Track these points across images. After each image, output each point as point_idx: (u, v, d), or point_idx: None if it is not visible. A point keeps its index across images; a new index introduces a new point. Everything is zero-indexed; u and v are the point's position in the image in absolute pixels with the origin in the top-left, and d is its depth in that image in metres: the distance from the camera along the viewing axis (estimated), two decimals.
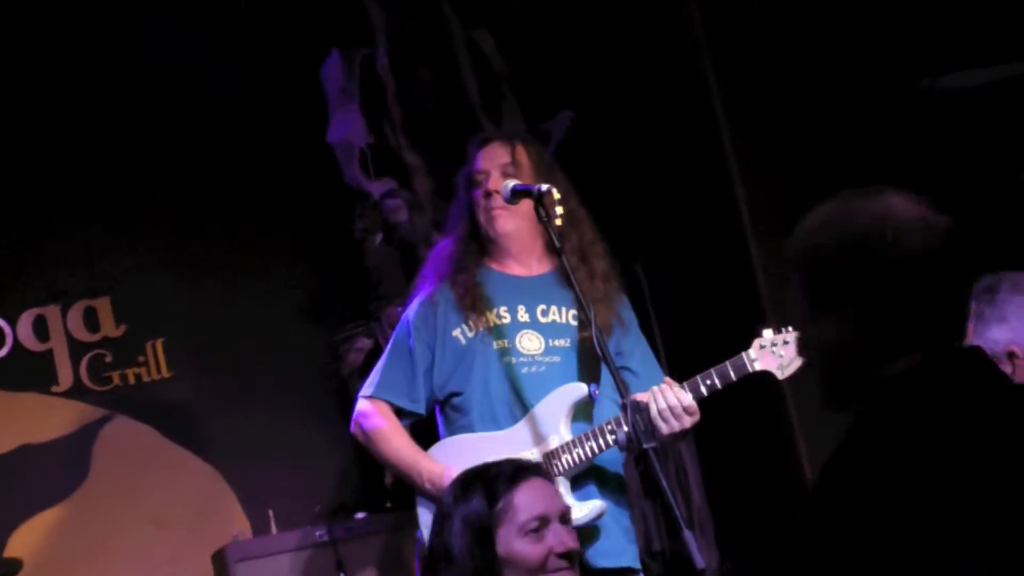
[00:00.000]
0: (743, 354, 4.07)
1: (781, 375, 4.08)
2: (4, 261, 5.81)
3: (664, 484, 3.57)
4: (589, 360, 4.17)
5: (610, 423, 4.08)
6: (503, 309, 4.26)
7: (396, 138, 5.81)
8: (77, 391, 5.85)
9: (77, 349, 5.87)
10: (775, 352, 4.06)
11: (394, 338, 4.35)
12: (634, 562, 4.24)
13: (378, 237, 5.86)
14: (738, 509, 5.74)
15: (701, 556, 3.45)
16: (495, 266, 4.31)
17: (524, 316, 4.26)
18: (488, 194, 4.22)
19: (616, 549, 4.18)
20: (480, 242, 4.30)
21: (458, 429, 4.25)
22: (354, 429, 4.34)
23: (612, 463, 4.24)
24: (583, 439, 4.11)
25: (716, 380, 4.07)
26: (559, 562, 3.14)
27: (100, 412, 5.86)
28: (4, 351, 5.83)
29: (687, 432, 4.12)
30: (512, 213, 4.21)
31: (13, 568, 5.11)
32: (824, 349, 2.24)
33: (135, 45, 5.75)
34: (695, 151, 5.82)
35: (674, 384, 4.10)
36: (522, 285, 4.30)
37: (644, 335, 4.44)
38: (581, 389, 4.17)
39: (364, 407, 4.31)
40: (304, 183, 5.95)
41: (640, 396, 3.99)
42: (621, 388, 3.80)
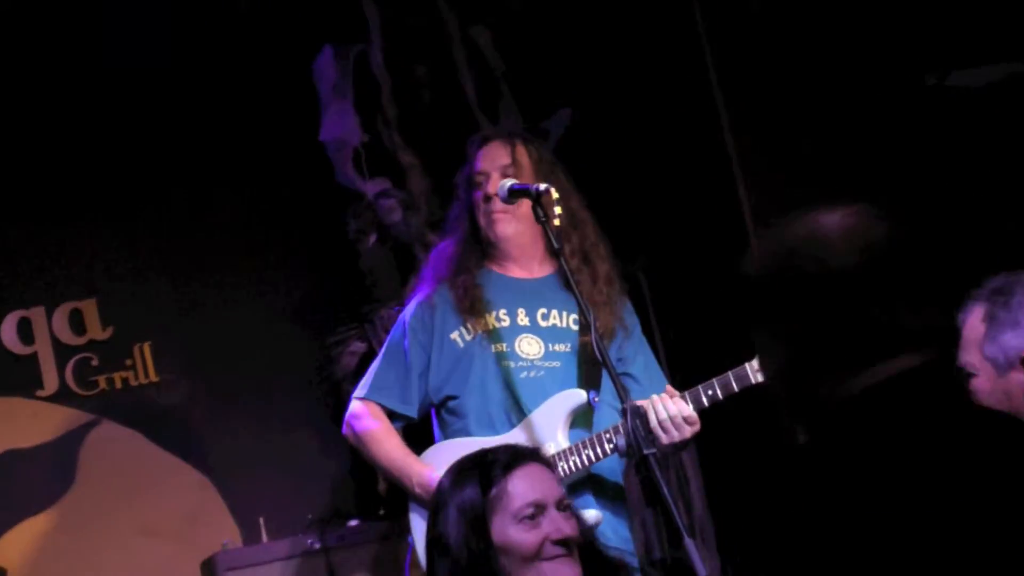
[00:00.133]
0: (746, 364, 4.04)
1: None
2: None
3: (665, 491, 3.56)
4: (590, 366, 4.17)
5: (608, 431, 4.07)
6: (502, 312, 4.25)
7: (390, 136, 5.81)
8: (63, 395, 5.82)
9: (63, 352, 5.84)
10: None
11: (389, 339, 4.35)
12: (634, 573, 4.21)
13: (372, 238, 5.86)
14: (740, 516, 5.72)
15: (703, 564, 3.44)
16: (496, 268, 4.31)
17: (524, 319, 4.26)
18: (488, 198, 4.22)
19: (614, 551, 4.08)
20: (481, 244, 4.30)
21: (453, 433, 4.25)
22: (346, 431, 4.34)
23: (611, 472, 4.24)
24: (581, 447, 4.10)
25: (718, 390, 4.07)
26: (555, 549, 3.13)
27: (86, 417, 5.83)
28: None
29: (687, 442, 4.11)
30: (512, 216, 4.21)
31: None
32: (773, 372, 2.25)
33: (122, 44, 5.74)
34: (696, 150, 5.82)
35: (674, 393, 4.09)
36: (523, 288, 4.29)
37: (645, 339, 4.43)
38: (580, 396, 4.16)
39: (356, 408, 4.32)
40: (296, 182, 5.94)
41: (640, 403, 3.96)
42: (621, 394, 3.79)
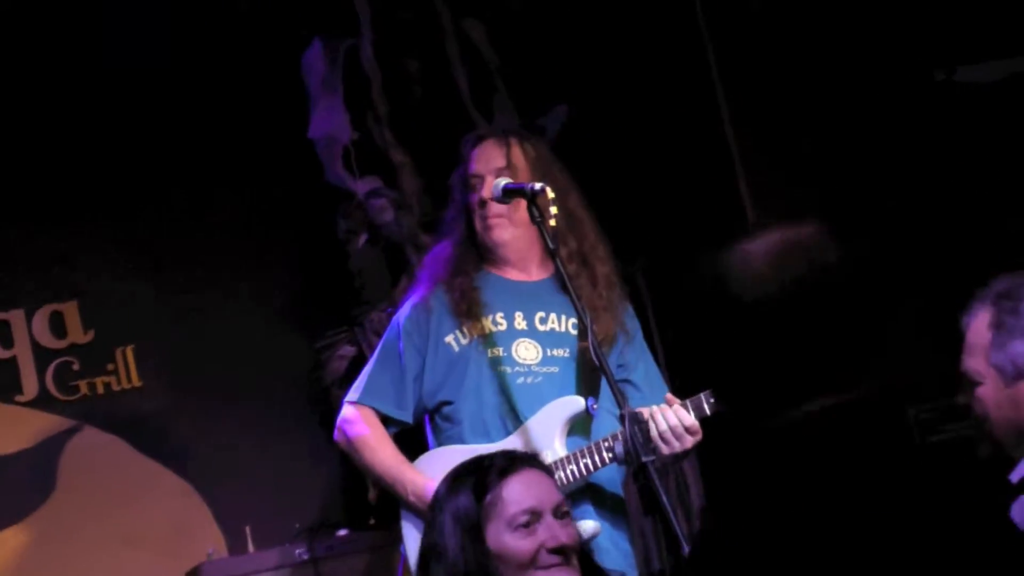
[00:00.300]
0: None
1: None
2: None
3: (664, 500, 3.52)
4: (589, 372, 4.13)
5: (607, 439, 4.04)
6: (499, 316, 4.23)
7: (381, 133, 5.80)
8: (43, 401, 5.83)
9: (43, 356, 5.84)
10: None
11: (383, 342, 4.33)
12: None
13: (362, 238, 5.84)
14: (741, 524, 5.72)
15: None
16: (493, 271, 4.29)
17: (521, 323, 4.23)
18: (483, 202, 4.21)
19: (614, 572, 4.09)
20: (478, 246, 4.28)
21: (447, 439, 4.22)
22: (337, 436, 4.32)
23: (610, 481, 4.21)
24: (579, 455, 4.07)
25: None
26: (551, 558, 3.10)
27: (67, 423, 5.83)
28: None
29: (689, 452, 4.09)
30: (509, 221, 4.20)
31: None
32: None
33: (105, 44, 5.75)
34: (697, 149, 5.82)
35: (675, 401, 4.06)
36: (521, 291, 4.27)
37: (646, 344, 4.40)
38: (578, 403, 4.13)
39: (348, 413, 4.29)
40: (284, 181, 5.94)
41: (641, 409, 3.92)
42: (619, 401, 3.75)
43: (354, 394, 4.28)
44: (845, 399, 2.22)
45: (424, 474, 4.13)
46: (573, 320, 4.20)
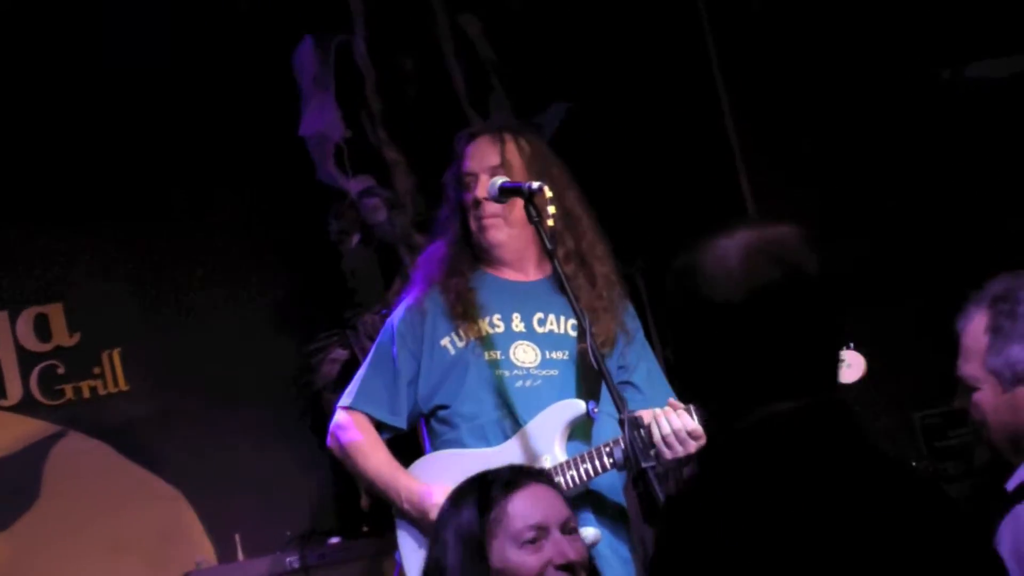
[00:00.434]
0: None
1: None
2: None
3: None
4: (590, 374, 4.07)
5: (608, 444, 4.00)
6: (496, 317, 4.19)
7: (375, 132, 5.78)
8: (27, 405, 5.80)
9: (27, 360, 5.81)
10: None
11: (377, 345, 4.29)
12: None
13: (355, 239, 5.82)
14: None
15: None
16: (490, 271, 4.26)
17: (519, 325, 4.20)
18: (477, 202, 4.17)
19: None
20: (473, 246, 4.24)
21: (444, 444, 4.19)
22: (330, 442, 4.28)
23: (611, 487, 4.17)
24: (579, 460, 4.04)
25: None
26: (558, 575, 3.08)
27: (52, 428, 5.80)
28: None
29: (692, 457, 4.04)
30: (504, 221, 4.17)
31: None
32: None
33: (95, 43, 5.73)
34: (698, 148, 5.81)
35: (678, 406, 4.03)
36: (518, 291, 4.23)
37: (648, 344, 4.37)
38: (578, 406, 4.08)
39: (341, 419, 4.25)
40: (274, 180, 5.90)
41: (642, 413, 3.90)
42: (619, 405, 3.72)
43: (347, 399, 4.25)
44: (818, 400, 2.19)
45: (419, 480, 4.11)
46: (572, 321, 4.16)
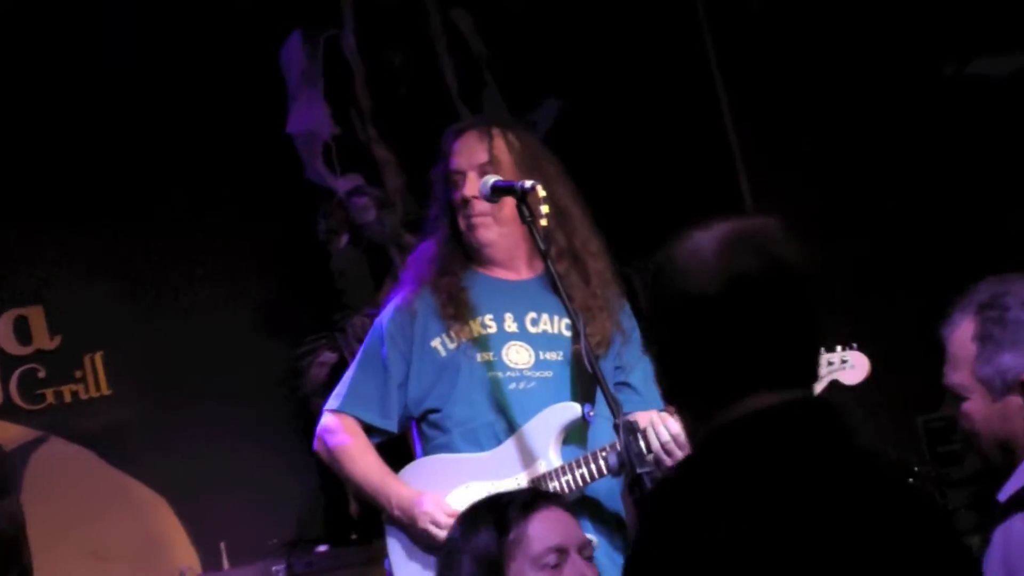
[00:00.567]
0: None
1: None
2: None
3: None
4: (585, 376, 4.04)
5: (605, 448, 3.96)
6: (488, 318, 4.16)
7: (364, 129, 5.77)
8: (7, 410, 5.78)
9: (7, 363, 5.81)
10: None
11: (365, 346, 4.25)
12: None
13: (344, 239, 5.82)
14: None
15: None
16: (481, 270, 4.22)
17: (512, 326, 4.16)
18: (466, 201, 4.13)
19: None
20: (463, 244, 4.21)
21: (435, 448, 4.15)
22: (317, 446, 4.24)
23: (608, 494, 4.13)
24: (575, 465, 4.00)
25: None
26: None
27: (33, 434, 5.80)
28: None
29: None
30: (494, 219, 4.13)
31: None
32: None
33: (76, 39, 5.72)
34: (696, 145, 5.81)
35: None
36: (510, 290, 4.19)
37: None
38: (574, 410, 4.05)
39: (329, 422, 4.21)
40: (261, 179, 5.88)
41: (639, 416, 3.87)
42: (614, 408, 3.69)
43: (335, 402, 4.21)
44: (799, 395, 2.18)
45: (410, 485, 4.06)
46: (566, 320, 4.12)
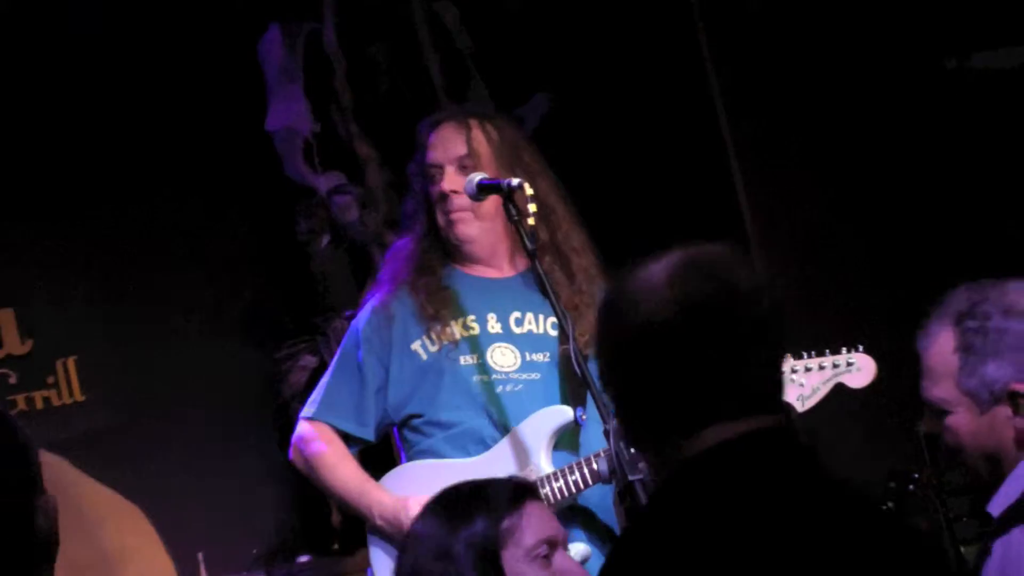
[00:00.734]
0: None
1: (801, 407, 3.99)
2: None
3: None
4: (575, 377, 3.98)
5: (599, 454, 3.89)
6: (470, 319, 4.11)
7: (346, 125, 5.74)
8: None
9: None
10: (795, 380, 3.98)
11: (341, 351, 4.19)
12: None
13: (325, 239, 5.78)
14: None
15: None
16: (460, 268, 4.16)
17: (495, 326, 4.11)
18: (444, 196, 4.07)
19: None
20: (441, 240, 4.14)
21: (418, 454, 4.10)
22: (293, 456, 4.19)
23: (601, 502, 4.08)
24: (566, 471, 3.95)
25: None
26: None
27: None
28: None
29: None
30: (474, 215, 4.08)
31: None
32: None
33: (49, 31, 5.65)
34: (690, 142, 5.79)
35: None
36: (492, 289, 4.14)
37: None
38: (565, 413, 4.00)
39: (304, 430, 4.16)
40: (239, 178, 5.83)
41: None
42: (603, 414, 3.66)
43: (310, 409, 4.16)
44: (763, 425, 2.16)
45: (392, 493, 4.01)
46: (552, 319, 4.07)
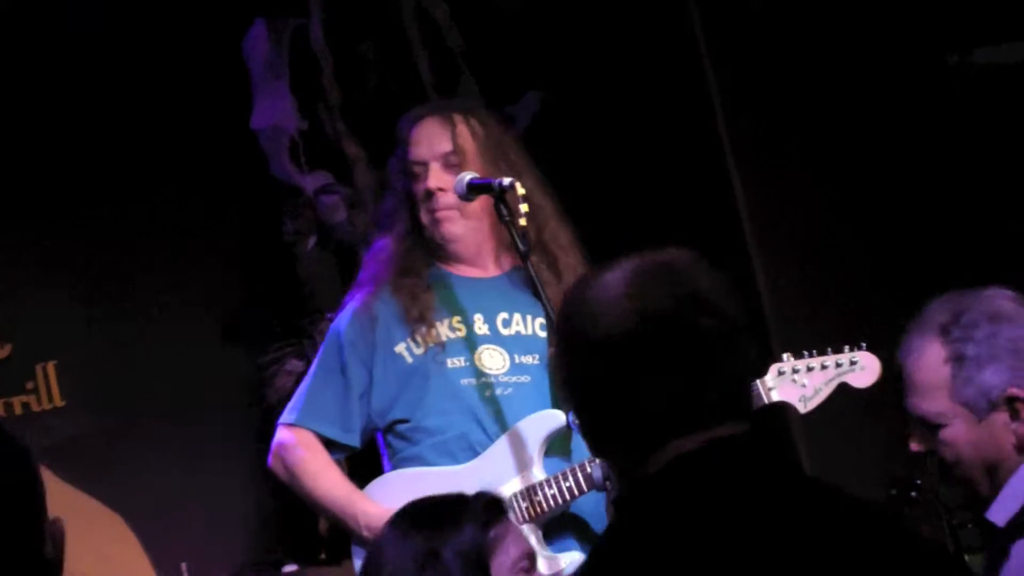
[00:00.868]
0: (758, 382, 3.91)
1: (804, 408, 3.96)
2: None
3: None
4: None
5: (594, 459, 3.85)
6: (456, 320, 4.07)
7: (333, 124, 5.71)
8: None
9: None
10: (797, 381, 3.94)
11: (322, 354, 4.13)
12: None
13: (311, 240, 5.76)
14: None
15: None
16: (445, 268, 4.12)
17: (482, 328, 4.07)
18: (430, 193, 4.03)
19: None
20: (424, 240, 4.10)
21: (404, 461, 4.06)
22: (273, 463, 4.13)
23: (594, 510, 4.04)
24: (560, 478, 3.91)
25: None
26: None
27: None
28: None
29: None
30: (461, 213, 4.05)
31: None
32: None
33: (33, 33, 5.62)
34: (686, 142, 5.75)
35: None
36: (477, 289, 4.10)
37: None
38: (557, 418, 3.95)
39: (285, 437, 4.10)
40: (224, 177, 5.78)
41: None
42: None
43: (290, 415, 4.10)
44: (715, 436, 2.13)
45: (377, 502, 3.96)
46: (540, 320, 4.04)
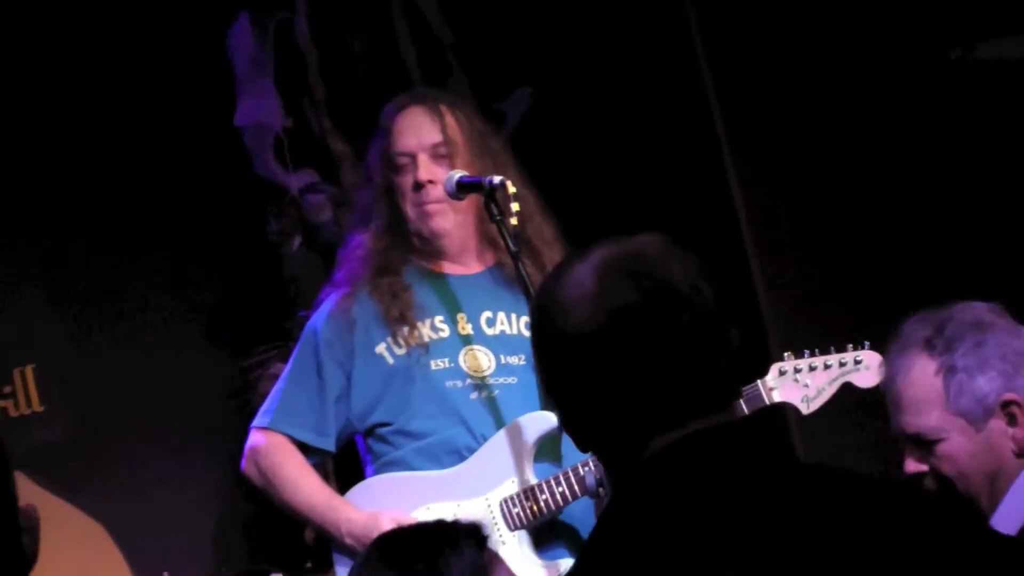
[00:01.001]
0: (759, 383, 3.89)
1: (806, 409, 3.94)
2: None
3: None
4: None
5: (587, 463, 3.82)
6: (439, 320, 4.03)
7: (319, 121, 5.69)
8: None
9: None
10: (799, 381, 3.92)
11: (297, 354, 4.12)
12: None
13: (297, 240, 5.72)
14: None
15: None
16: (425, 264, 4.09)
17: (466, 327, 4.04)
18: (419, 186, 4.01)
19: None
20: (404, 236, 4.07)
21: (386, 466, 4.02)
22: (247, 468, 4.13)
23: (584, 517, 3.98)
24: (552, 483, 3.88)
25: None
26: None
27: None
28: None
29: None
30: (450, 207, 4.02)
31: None
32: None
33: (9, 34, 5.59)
34: (682, 139, 5.73)
35: None
36: (460, 287, 4.08)
37: None
38: (547, 420, 3.91)
39: (258, 440, 4.10)
40: (206, 176, 5.73)
41: None
42: None
43: (264, 418, 4.09)
44: (697, 428, 2.12)
45: (360, 509, 3.93)
46: (525, 318, 3.99)
